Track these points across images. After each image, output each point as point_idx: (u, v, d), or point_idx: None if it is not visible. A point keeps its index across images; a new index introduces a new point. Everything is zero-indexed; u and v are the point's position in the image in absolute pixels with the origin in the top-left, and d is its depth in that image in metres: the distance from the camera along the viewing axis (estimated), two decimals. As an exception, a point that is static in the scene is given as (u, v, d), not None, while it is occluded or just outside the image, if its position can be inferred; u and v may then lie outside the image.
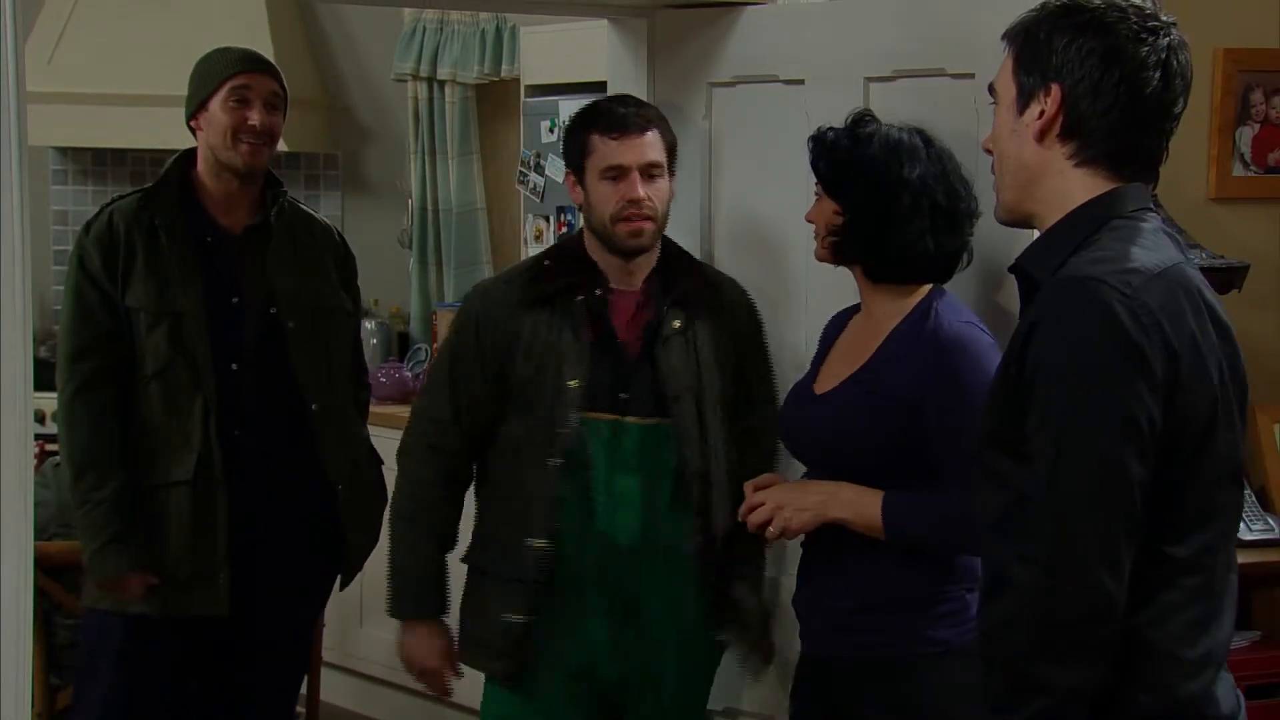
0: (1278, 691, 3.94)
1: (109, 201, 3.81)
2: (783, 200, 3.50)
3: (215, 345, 3.73)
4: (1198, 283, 2.20)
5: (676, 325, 3.40)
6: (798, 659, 3.19)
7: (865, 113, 3.11)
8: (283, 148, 3.97)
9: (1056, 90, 2.21)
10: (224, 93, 3.74)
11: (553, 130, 5.45)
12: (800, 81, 3.56)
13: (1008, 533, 2.16)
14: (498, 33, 5.98)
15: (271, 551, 3.80)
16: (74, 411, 3.72)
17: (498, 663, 3.44)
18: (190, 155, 3.83)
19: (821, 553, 3.08)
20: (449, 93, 6.19)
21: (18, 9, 2.51)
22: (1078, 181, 2.23)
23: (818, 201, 3.12)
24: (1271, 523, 4.10)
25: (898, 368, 2.98)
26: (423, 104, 6.28)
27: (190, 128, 3.82)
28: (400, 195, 6.50)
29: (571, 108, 3.94)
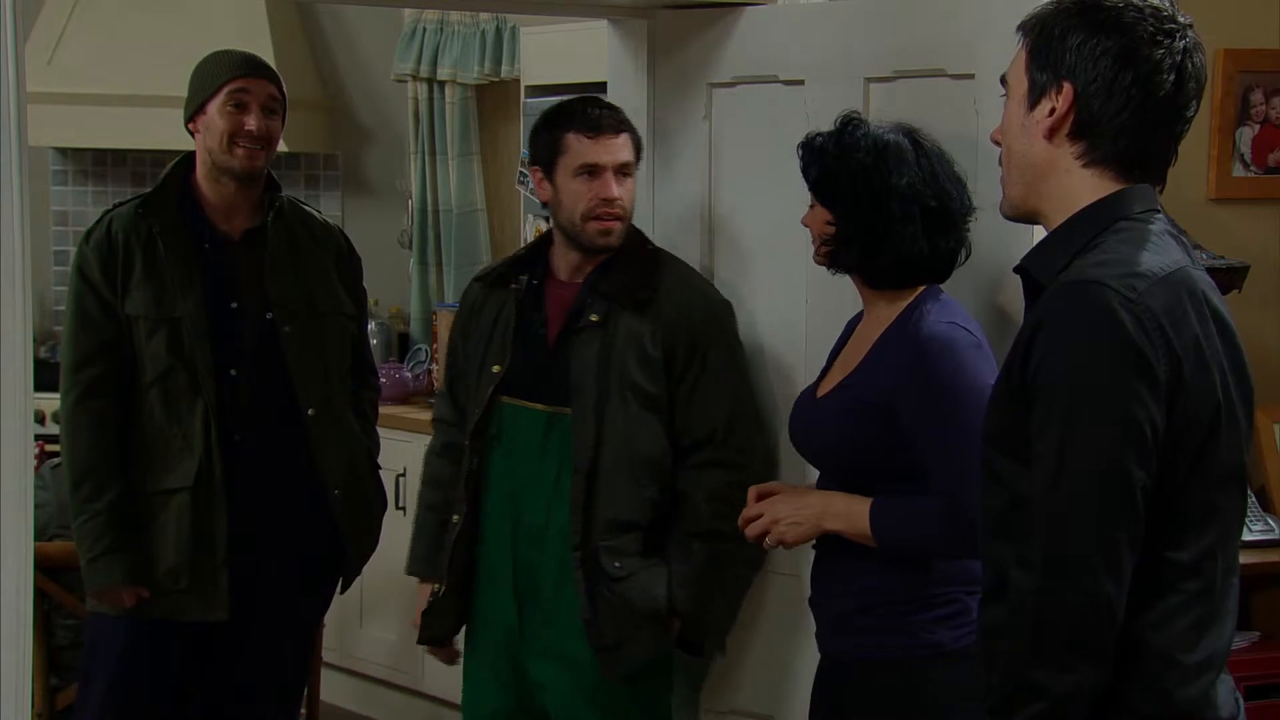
0: (1277, 692, 3.94)
1: (109, 209, 3.81)
2: (783, 201, 3.49)
3: (214, 351, 3.73)
4: (1203, 286, 2.18)
5: (594, 318, 3.47)
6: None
7: (852, 116, 3.08)
8: (283, 148, 3.97)
9: (1069, 89, 2.19)
10: (222, 97, 3.74)
11: (553, 130, 5.43)
12: (800, 82, 3.56)
13: (1008, 535, 2.15)
14: (498, 33, 5.97)
15: (271, 556, 3.80)
16: (75, 420, 3.73)
17: (438, 626, 3.67)
18: (190, 159, 3.83)
19: (825, 555, 3.08)
20: (449, 93, 6.18)
21: (18, 9, 2.50)
22: (1085, 182, 2.21)
23: (812, 208, 3.11)
24: (1272, 523, 4.10)
25: (878, 370, 2.98)
26: (423, 104, 6.27)
27: (189, 131, 3.82)
28: (400, 195, 6.49)
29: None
